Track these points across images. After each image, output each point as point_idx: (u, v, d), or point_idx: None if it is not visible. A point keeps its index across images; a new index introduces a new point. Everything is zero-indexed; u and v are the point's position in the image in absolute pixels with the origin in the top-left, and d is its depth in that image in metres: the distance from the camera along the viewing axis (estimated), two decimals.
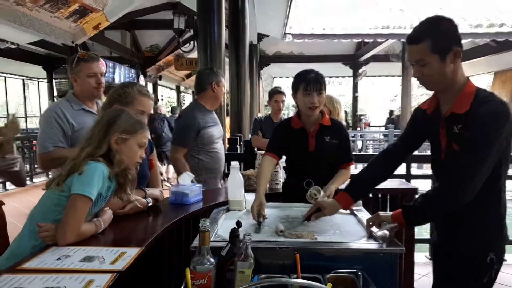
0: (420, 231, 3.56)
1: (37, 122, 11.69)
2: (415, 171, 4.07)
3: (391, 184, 2.45)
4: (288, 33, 8.67)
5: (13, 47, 7.48)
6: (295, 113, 2.14)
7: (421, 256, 3.33)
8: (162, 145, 6.73)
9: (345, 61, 12.79)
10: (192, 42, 6.13)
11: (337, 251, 1.33)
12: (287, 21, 7.94)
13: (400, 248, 1.33)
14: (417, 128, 1.62)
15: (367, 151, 10.81)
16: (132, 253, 1.31)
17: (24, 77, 11.42)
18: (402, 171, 2.96)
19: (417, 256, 2.86)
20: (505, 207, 1.42)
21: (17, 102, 12.89)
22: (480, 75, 14.92)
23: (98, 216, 1.55)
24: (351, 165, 2.09)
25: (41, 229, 1.39)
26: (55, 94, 10.68)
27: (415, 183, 3.03)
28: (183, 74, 15.59)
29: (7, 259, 1.43)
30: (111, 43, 8.88)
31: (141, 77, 10.53)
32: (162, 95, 17.03)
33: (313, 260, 1.28)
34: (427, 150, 2.42)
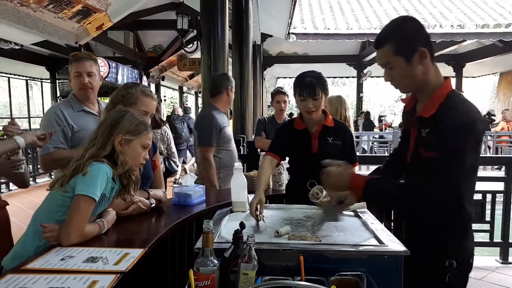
0: None
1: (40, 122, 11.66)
2: None
3: None
4: (292, 33, 8.66)
5: (17, 47, 7.51)
6: (298, 114, 2.13)
7: None
8: (180, 144, 7.03)
9: (350, 62, 12.76)
10: (195, 42, 6.14)
11: (341, 253, 1.32)
12: (291, 21, 7.93)
13: (404, 250, 1.32)
14: (406, 123, 1.58)
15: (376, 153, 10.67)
16: (135, 254, 1.31)
17: (27, 78, 11.44)
18: None
19: None
20: (469, 216, 1.38)
21: (21, 102, 12.92)
22: (486, 76, 14.86)
23: (101, 216, 1.55)
24: (355, 167, 2.08)
25: (45, 229, 1.39)
26: (58, 94, 10.72)
27: None
28: (186, 74, 15.62)
29: (12, 259, 1.44)
30: (114, 43, 8.91)
31: (144, 78, 10.55)
32: (165, 96, 17.06)
33: (317, 262, 1.27)
34: None
